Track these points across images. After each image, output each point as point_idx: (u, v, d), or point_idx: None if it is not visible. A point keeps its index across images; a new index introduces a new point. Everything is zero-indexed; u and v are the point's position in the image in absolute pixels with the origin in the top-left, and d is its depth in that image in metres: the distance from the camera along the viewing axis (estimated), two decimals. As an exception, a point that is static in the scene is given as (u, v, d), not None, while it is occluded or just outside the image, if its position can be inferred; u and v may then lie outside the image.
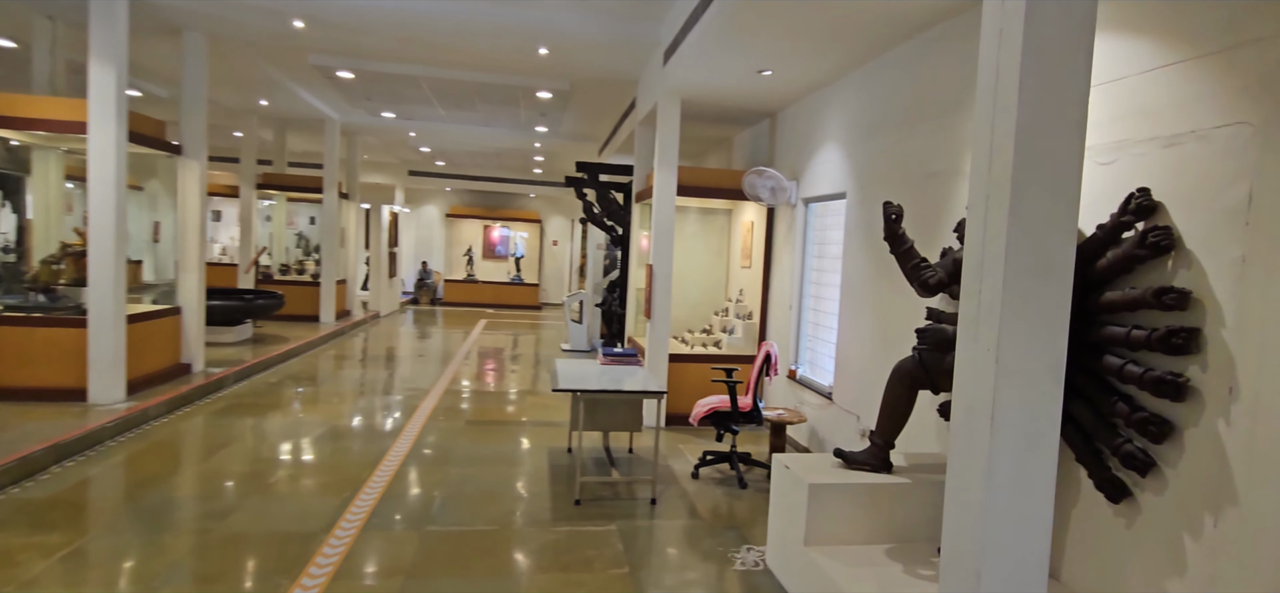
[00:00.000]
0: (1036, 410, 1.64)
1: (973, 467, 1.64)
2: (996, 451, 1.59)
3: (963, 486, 1.67)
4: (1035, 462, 1.65)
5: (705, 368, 6.28)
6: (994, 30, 1.63)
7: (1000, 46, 1.59)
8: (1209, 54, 2.33)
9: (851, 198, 4.86)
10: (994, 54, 1.63)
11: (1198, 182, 2.34)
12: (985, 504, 1.60)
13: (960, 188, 3.60)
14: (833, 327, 5.27)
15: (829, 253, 5.51)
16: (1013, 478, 1.62)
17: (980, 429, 1.61)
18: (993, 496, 1.60)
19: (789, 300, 5.95)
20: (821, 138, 5.43)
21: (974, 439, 1.64)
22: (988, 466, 1.59)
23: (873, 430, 3.34)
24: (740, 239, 7.09)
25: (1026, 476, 1.64)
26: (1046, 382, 1.64)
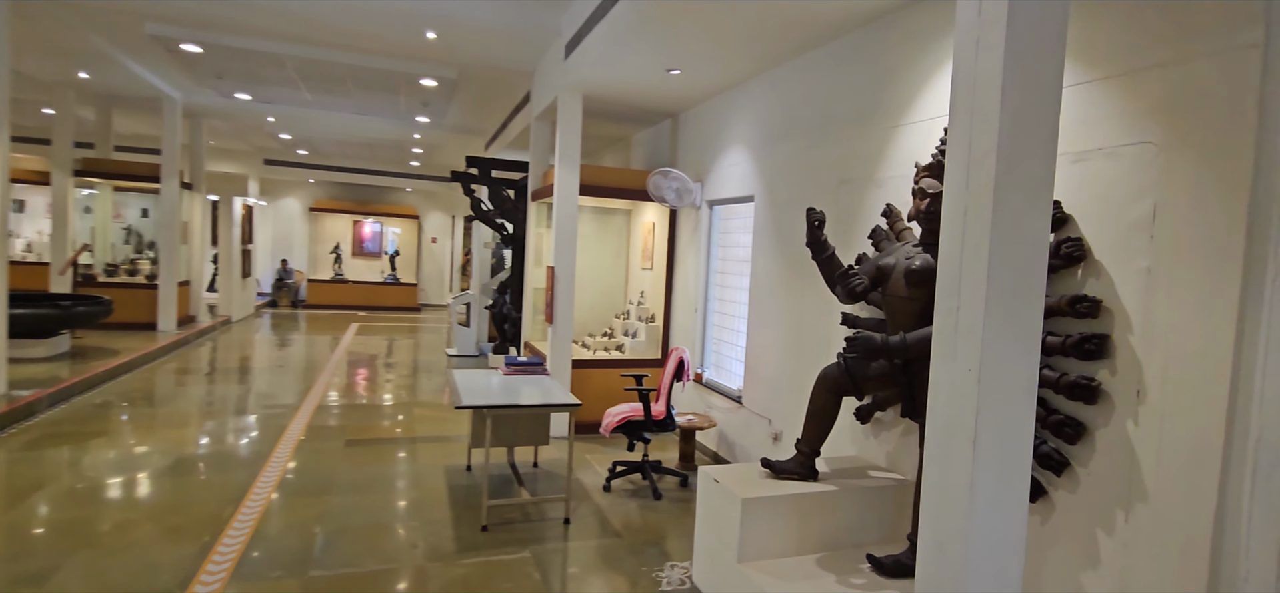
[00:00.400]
0: (1014, 429, 1.60)
1: (953, 489, 1.58)
2: (979, 472, 1.54)
3: (942, 509, 1.61)
4: (1013, 482, 1.61)
5: (609, 374, 6.10)
6: (970, 40, 1.58)
7: (977, 56, 1.54)
8: (1114, 76, 2.46)
9: (760, 201, 4.87)
10: (970, 64, 1.57)
11: (1105, 196, 2.47)
12: (968, 530, 1.55)
13: (873, 195, 3.67)
14: (740, 330, 5.27)
15: (735, 256, 5.51)
16: (994, 500, 1.58)
17: (961, 451, 1.55)
18: (975, 520, 1.55)
19: (694, 303, 5.91)
20: (727, 140, 5.42)
21: (953, 461, 1.58)
22: (971, 488, 1.53)
23: (799, 439, 3.31)
24: (641, 240, 6.97)
25: (1006, 496, 1.61)
26: (1023, 399, 1.62)
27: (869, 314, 3.62)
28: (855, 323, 3.67)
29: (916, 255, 2.93)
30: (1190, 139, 2.22)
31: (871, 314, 3.60)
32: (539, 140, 7.00)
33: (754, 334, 4.89)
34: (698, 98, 5.75)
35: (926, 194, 2.87)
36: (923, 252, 2.94)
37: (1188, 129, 2.22)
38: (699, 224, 5.86)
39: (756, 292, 4.87)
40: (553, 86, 5.95)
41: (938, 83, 3.28)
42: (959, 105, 1.62)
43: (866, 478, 3.33)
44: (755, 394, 4.84)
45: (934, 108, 3.29)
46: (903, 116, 3.49)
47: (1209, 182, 2.16)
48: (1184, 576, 2.20)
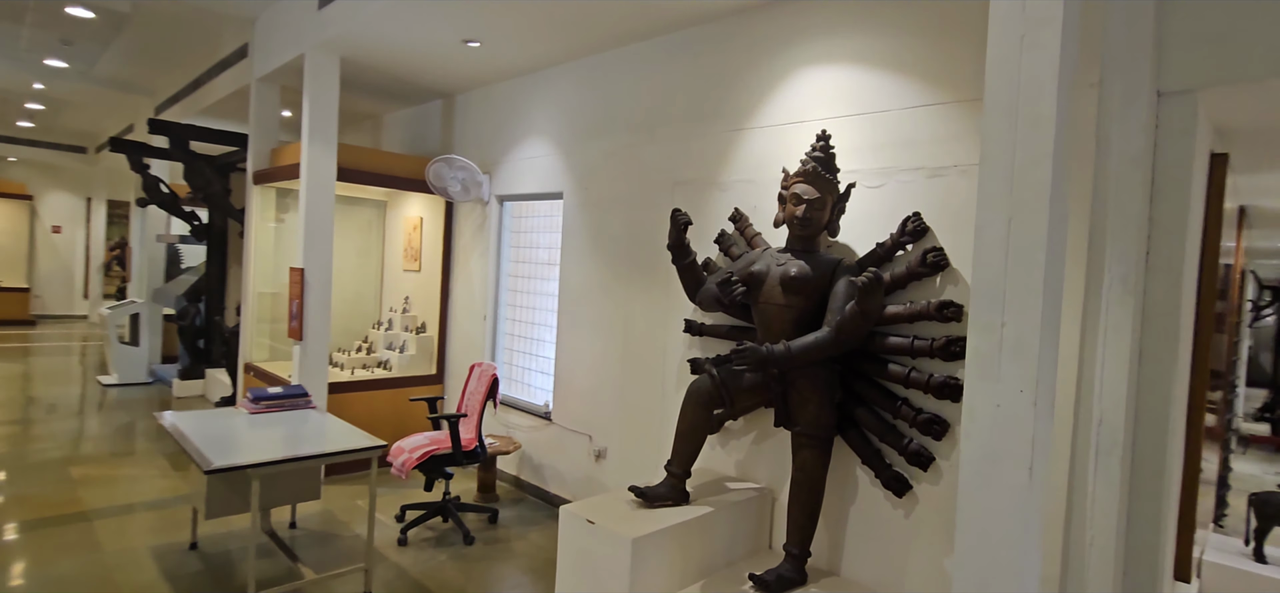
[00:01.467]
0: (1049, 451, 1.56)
1: (1003, 520, 1.47)
2: (1033, 503, 1.45)
3: (986, 544, 1.49)
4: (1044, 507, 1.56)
5: (375, 398, 5.10)
6: (1012, 35, 1.48)
7: (1022, 56, 1.45)
8: (968, 100, 2.71)
9: (571, 200, 4.48)
10: (1014, 62, 1.48)
11: (961, 210, 2.69)
12: (1022, 566, 1.45)
13: (717, 199, 3.57)
14: (546, 340, 4.81)
15: (534, 258, 5.02)
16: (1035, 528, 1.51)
17: (1011, 479, 1.45)
18: (1030, 553, 1.46)
19: (481, 310, 5.24)
20: (524, 131, 4.90)
21: (1001, 491, 1.47)
22: (1025, 520, 1.44)
23: (669, 461, 3.04)
24: (403, 237, 5.99)
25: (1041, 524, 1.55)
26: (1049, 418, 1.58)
27: (714, 321, 3.52)
28: (701, 330, 3.55)
29: (790, 262, 2.88)
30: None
31: (716, 321, 3.50)
32: (264, 109, 5.55)
33: (566, 344, 4.49)
34: (486, 79, 5.11)
35: (802, 200, 2.84)
36: (794, 258, 2.91)
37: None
38: (487, 221, 5.22)
39: (568, 297, 4.48)
40: (294, 42, 4.72)
41: (788, 89, 3.30)
42: (998, 107, 1.52)
43: (729, 491, 3.22)
44: (569, 410, 4.44)
45: (784, 113, 3.31)
46: (749, 120, 3.46)
47: (1055, 201, 2.47)
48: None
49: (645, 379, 3.93)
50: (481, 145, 5.25)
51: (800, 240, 2.95)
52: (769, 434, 3.31)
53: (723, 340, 3.46)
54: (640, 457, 3.93)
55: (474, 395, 4.07)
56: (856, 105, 3.04)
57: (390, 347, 5.70)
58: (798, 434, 2.85)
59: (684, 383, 3.68)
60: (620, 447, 4.08)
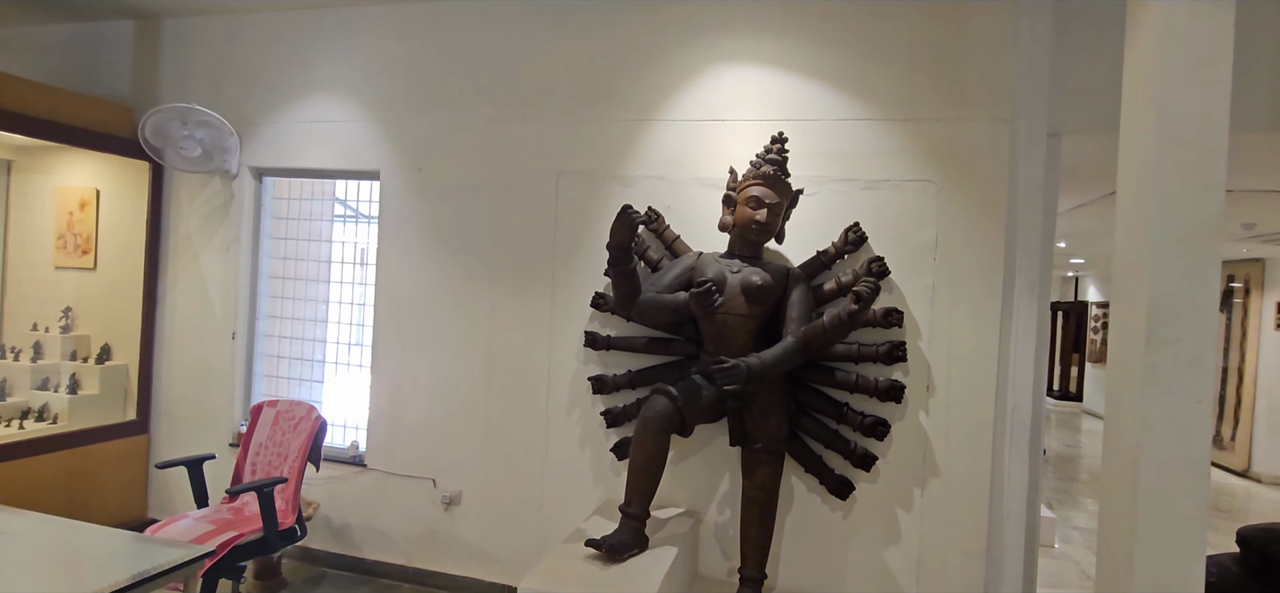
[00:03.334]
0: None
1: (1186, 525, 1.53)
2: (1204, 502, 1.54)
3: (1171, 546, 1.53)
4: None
5: (33, 468, 3.29)
6: (1179, 71, 1.54)
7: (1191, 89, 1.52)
8: (897, 119, 2.89)
9: (394, 182, 3.50)
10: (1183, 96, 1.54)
11: (895, 222, 2.88)
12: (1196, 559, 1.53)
13: (618, 194, 3.16)
14: (339, 363, 3.69)
15: (311, 254, 3.80)
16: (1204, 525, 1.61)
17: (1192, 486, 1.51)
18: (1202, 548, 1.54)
19: (227, 326, 3.76)
20: (306, 84, 3.65)
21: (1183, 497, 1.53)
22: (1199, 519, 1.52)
23: (626, 502, 2.56)
24: (58, 217, 3.96)
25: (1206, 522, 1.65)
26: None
27: (622, 332, 3.12)
28: (607, 343, 3.11)
29: (751, 270, 2.70)
30: (962, 182, 2.82)
31: (627, 332, 3.11)
32: None
33: (388, 367, 3.50)
34: (229, 2, 3.67)
35: (763, 204, 2.68)
36: (749, 265, 2.73)
37: (960, 174, 2.82)
38: (235, 202, 3.76)
39: (391, 308, 3.50)
40: None
41: (706, 83, 3.09)
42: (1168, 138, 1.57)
43: (673, 523, 2.88)
44: (396, 450, 3.48)
45: (700, 109, 3.09)
46: (658, 112, 3.14)
47: (977, 216, 2.80)
48: (971, 529, 2.80)
49: (520, 405, 3.30)
50: (218, 98, 3.75)
51: (750, 247, 2.79)
52: (686, 454, 3.07)
53: (637, 354, 3.09)
54: (514, 498, 3.29)
55: (279, 451, 2.87)
56: (785, 111, 3.00)
57: (45, 385, 3.71)
58: (757, 451, 2.69)
59: (577, 406, 3.20)
60: (483, 489, 3.35)
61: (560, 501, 3.23)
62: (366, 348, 3.72)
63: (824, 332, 2.55)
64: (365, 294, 3.78)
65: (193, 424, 3.81)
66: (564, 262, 3.24)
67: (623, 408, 3.09)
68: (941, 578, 2.82)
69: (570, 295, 3.23)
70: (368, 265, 3.72)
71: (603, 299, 3.11)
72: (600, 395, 3.14)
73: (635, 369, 3.08)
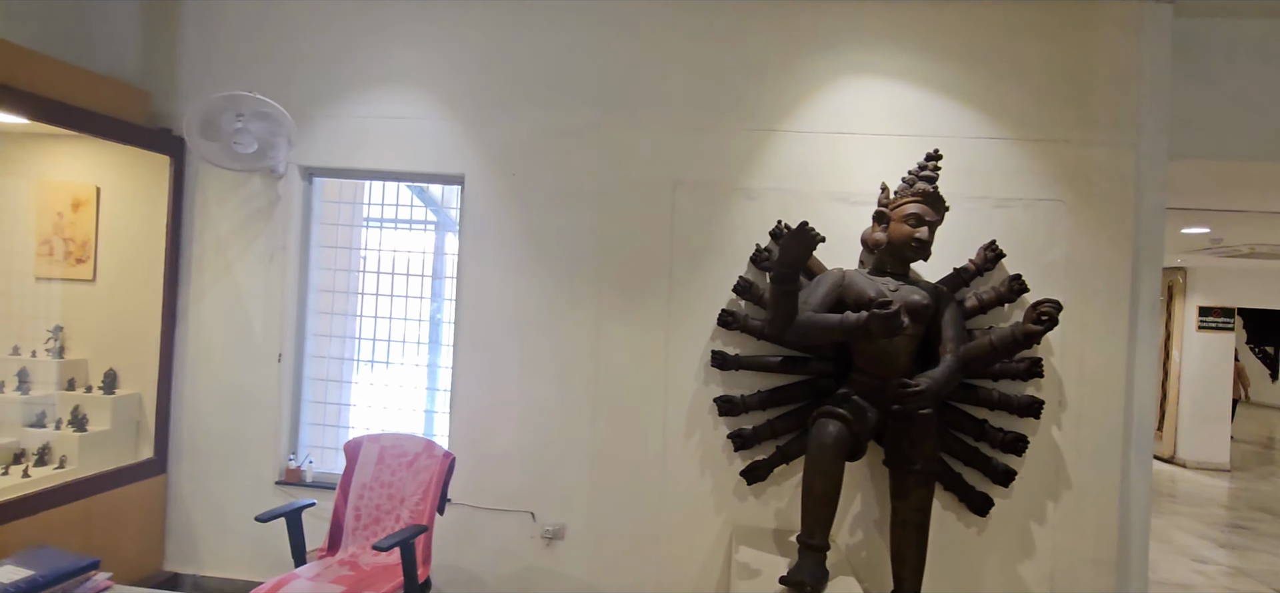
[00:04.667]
0: None
1: None
2: None
3: None
4: None
5: (49, 524, 2.75)
6: None
7: None
8: (1030, 139, 2.94)
9: (480, 188, 3.17)
10: None
11: (1026, 240, 2.93)
12: None
13: (742, 208, 3.01)
14: (403, 387, 3.31)
15: (354, 263, 3.39)
16: None
17: None
18: None
19: (270, 346, 3.28)
20: (373, 74, 3.24)
21: None
22: None
23: (804, 535, 2.44)
24: (42, 219, 3.31)
25: None
26: None
27: (752, 352, 2.99)
28: (738, 363, 2.96)
29: (910, 290, 2.65)
30: (1089, 202, 2.90)
31: (756, 351, 2.98)
32: None
33: (472, 393, 3.17)
34: (286, -21, 3.21)
35: (923, 222, 2.64)
36: (904, 284, 2.68)
37: (1088, 194, 2.91)
38: (281, 205, 3.29)
39: (475, 328, 3.17)
40: None
41: (832, 95, 3.01)
42: None
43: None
44: (487, 482, 3.16)
45: (827, 121, 3.01)
46: (782, 122, 3.03)
47: (1104, 236, 2.90)
48: (1101, 538, 2.89)
49: (632, 429, 3.08)
50: (252, 86, 3.26)
51: (902, 264, 2.74)
52: (817, 474, 2.98)
53: (765, 374, 2.97)
54: (627, 529, 3.07)
55: (390, 493, 2.51)
56: (916, 126, 2.98)
57: (40, 420, 3.08)
58: (914, 472, 2.64)
59: (697, 428, 3.04)
60: (590, 521, 3.11)
61: (680, 531, 3.04)
62: (432, 368, 3.37)
63: (991, 350, 2.54)
64: (425, 308, 3.42)
65: (224, 462, 3.29)
66: (682, 277, 3.06)
67: (752, 430, 2.96)
68: (1074, 588, 2.90)
69: (689, 313, 3.05)
70: (444, 277, 3.35)
71: (731, 317, 2.96)
72: (726, 417, 2.99)
73: (765, 389, 2.96)
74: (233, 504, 3.27)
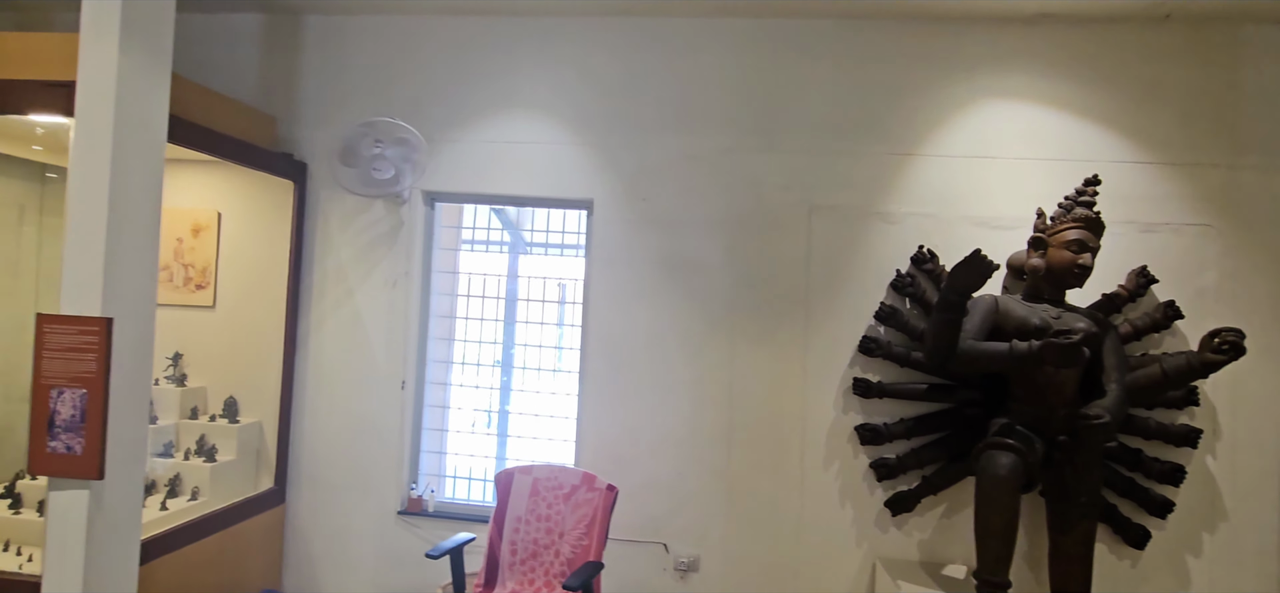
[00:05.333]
0: None
1: None
2: None
3: None
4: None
5: (189, 560, 2.70)
6: None
7: None
8: (1175, 164, 2.90)
9: (609, 213, 3.14)
10: None
11: (1176, 266, 2.88)
12: None
13: (880, 232, 2.98)
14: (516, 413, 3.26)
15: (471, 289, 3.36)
16: None
17: None
18: None
19: (392, 373, 3.23)
20: (497, 100, 3.22)
21: None
22: None
23: (980, 569, 2.37)
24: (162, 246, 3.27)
25: None
26: None
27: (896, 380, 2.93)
28: (881, 390, 2.90)
29: (1073, 317, 2.59)
30: (1241, 227, 2.86)
31: (900, 380, 2.93)
32: None
33: (603, 419, 3.12)
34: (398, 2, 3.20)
35: (1086, 248, 2.59)
36: (1067, 312, 2.63)
37: (1239, 219, 2.86)
38: (404, 231, 3.26)
39: (606, 352, 3.13)
40: None
41: (971, 118, 2.98)
42: None
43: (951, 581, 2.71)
44: (619, 512, 3.08)
45: (966, 144, 2.98)
46: (921, 146, 3.00)
47: (1258, 261, 2.84)
48: (1260, 570, 2.82)
49: (768, 458, 3.02)
50: (375, 107, 3.25)
51: (1059, 291, 2.69)
52: (959, 506, 2.92)
53: (907, 402, 2.91)
54: (764, 562, 3.00)
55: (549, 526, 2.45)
56: (1058, 151, 2.94)
57: (166, 450, 3.03)
58: (1080, 505, 2.57)
59: (836, 458, 2.99)
60: (726, 553, 3.04)
61: (819, 563, 2.97)
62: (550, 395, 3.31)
63: (1162, 379, 2.49)
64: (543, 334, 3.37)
65: (344, 491, 3.23)
66: (819, 303, 3.01)
67: (897, 459, 2.90)
68: (1233, 623, 2.82)
69: (827, 340, 3.00)
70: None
71: (874, 344, 2.91)
72: (867, 446, 2.94)
73: (910, 417, 2.90)
74: (354, 535, 3.21)
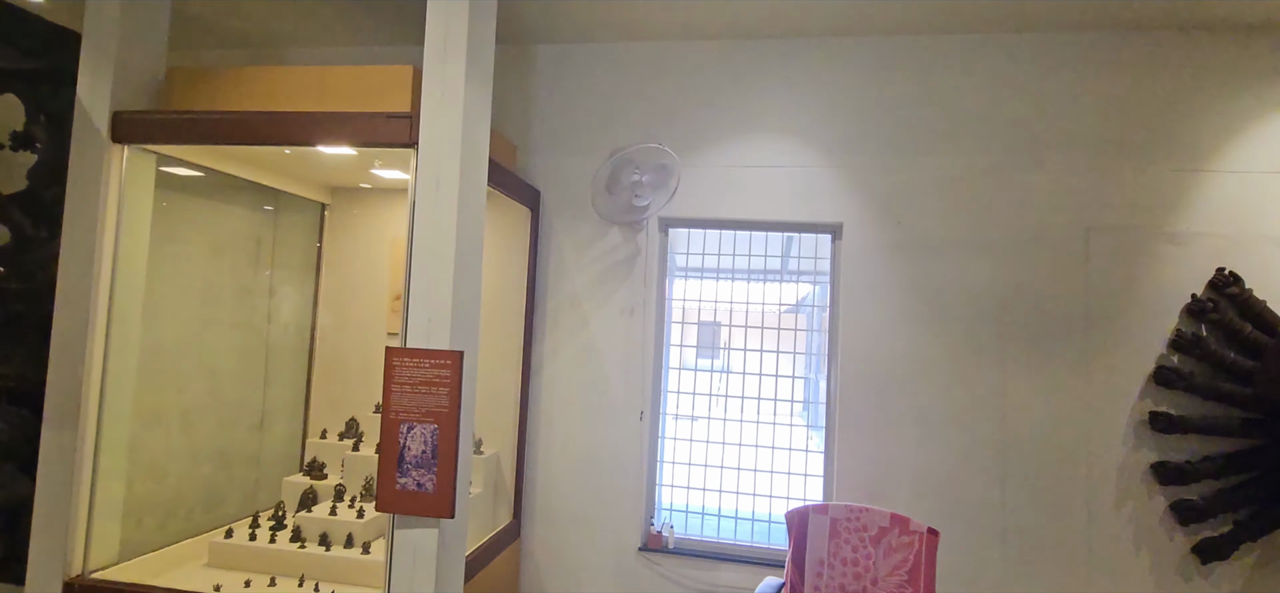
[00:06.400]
0: None
1: None
2: None
3: None
4: None
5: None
6: None
7: None
8: None
9: (859, 237, 3.02)
10: None
11: None
12: None
13: (1167, 254, 2.78)
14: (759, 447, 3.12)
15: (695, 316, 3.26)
16: None
17: None
18: None
19: (630, 404, 3.14)
20: (733, 124, 3.16)
21: None
22: None
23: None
24: (394, 276, 3.29)
25: None
26: None
27: (1191, 413, 2.71)
28: (1182, 425, 2.68)
29: None
30: None
31: (1199, 413, 2.70)
32: None
33: (859, 453, 2.96)
34: (635, 28, 3.17)
35: None
36: None
37: None
38: (641, 258, 3.20)
39: (860, 383, 2.98)
40: None
41: (1263, 131, 2.78)
42: None
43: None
44: (876, 553, 2.91)
45: (1261, 159, 2.77)
46: (1209, 162, 2.81)
47: None
48: None
49: (1049, 498, 2.81)
50: (602, 137, 3.22)
51: (1404, 315, 2.45)
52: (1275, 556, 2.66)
53: (1213, 438, 2.68)
54: (1048, 609, 2.78)
55: (858, 570, 2.29)
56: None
57: (416, 484, 2.98)
58: None
59: (1129, 499, 2.75)
60: (1003, 599, 2.82)
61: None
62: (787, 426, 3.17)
63: None
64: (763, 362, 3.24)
65: (581, 526, 3.14)
66: (1100, 330, 2.82)
67: (1203, 501, 2.66)
68: None
69: (1111, 370, 2.80)
70: (814, 331, 3.18)
71: (1173, 375, 2.70)
72: (1168, 486, 2.70)
73: (1218, 455, 2.66)
74: (590, 572, 3.10)
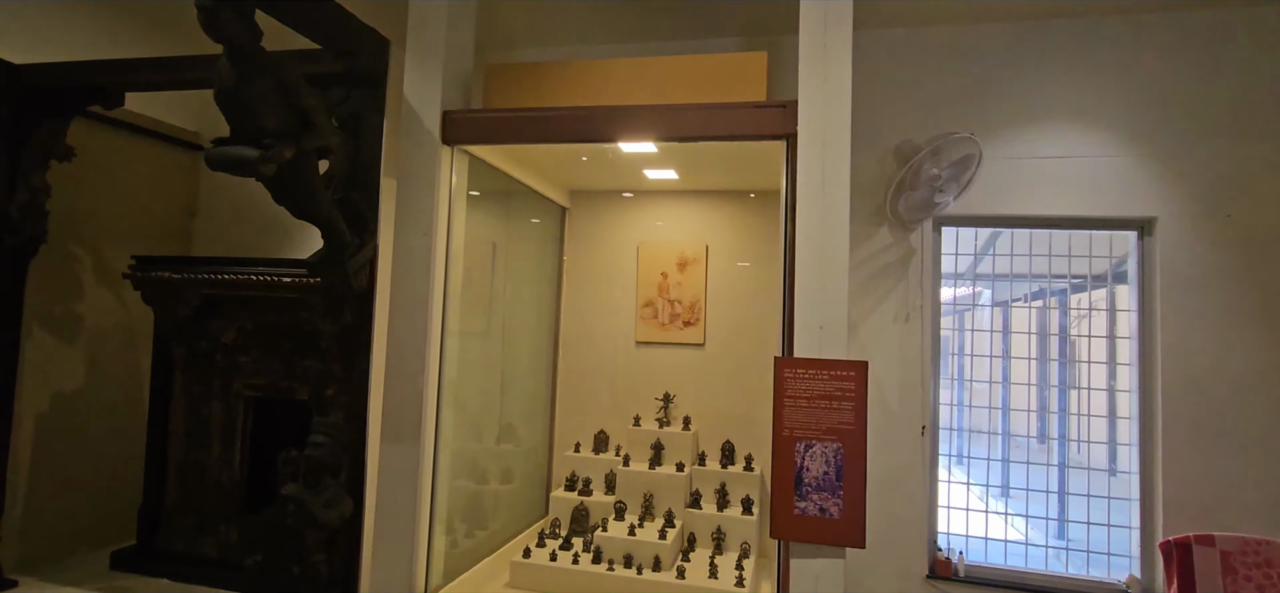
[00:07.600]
0: None
1: None
2: None
3: None
4: None
5: None
6: None
7: None
8: None
9: (1176, 236, 2.73)
10: None
11: None
12: None
13: None
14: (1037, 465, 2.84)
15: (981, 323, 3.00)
16: None
17: None
18: None
19: (910, 417, 2.92)
20: (1021, 112, 2.92)
21: None
22: None
23: None
24: (644, 281, 3.15)
25: None
26: None
27: None
28: None
29: None
30: None
31: None
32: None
33: (1197, 477, 2.66)
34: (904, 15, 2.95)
35: None
36: None
37: None
38: (915, 260, 2.97)
39: (1189, 395, 2.68)
40: None
41: None
42: None
43: None
44: (1213, 586, 2.60)
45: None
46: None
47: None
48: None
49: None
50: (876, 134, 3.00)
51: None
52: None
53: None
54: None
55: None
56: None
57: (696, 501, 2.83)
58: None
59: None
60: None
61: None
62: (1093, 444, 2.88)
63: None
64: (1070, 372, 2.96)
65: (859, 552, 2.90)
66: None
67: None
68: None
69: None
70: (1122, 338, 2.90)
71: None
72: None
73: None
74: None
